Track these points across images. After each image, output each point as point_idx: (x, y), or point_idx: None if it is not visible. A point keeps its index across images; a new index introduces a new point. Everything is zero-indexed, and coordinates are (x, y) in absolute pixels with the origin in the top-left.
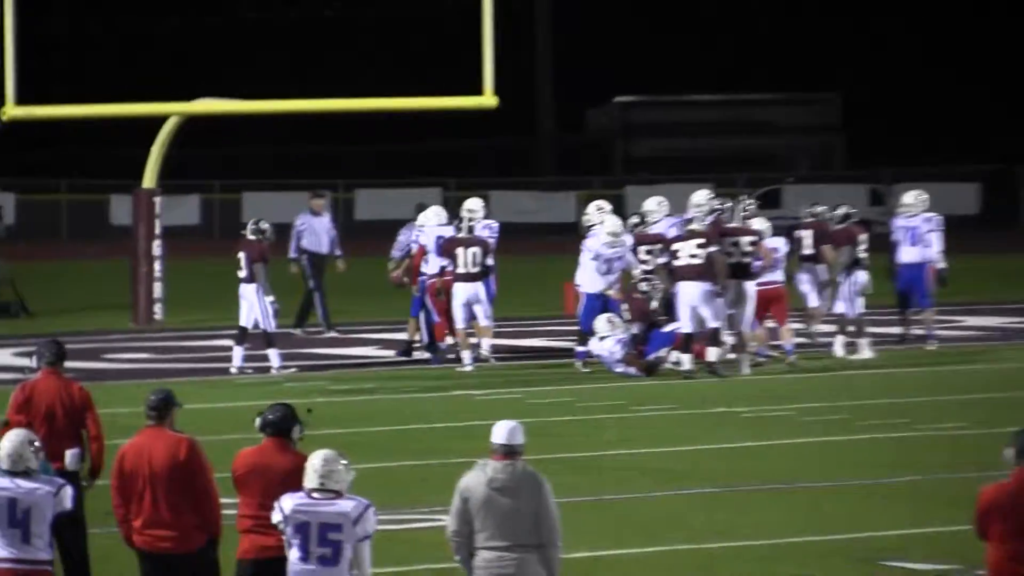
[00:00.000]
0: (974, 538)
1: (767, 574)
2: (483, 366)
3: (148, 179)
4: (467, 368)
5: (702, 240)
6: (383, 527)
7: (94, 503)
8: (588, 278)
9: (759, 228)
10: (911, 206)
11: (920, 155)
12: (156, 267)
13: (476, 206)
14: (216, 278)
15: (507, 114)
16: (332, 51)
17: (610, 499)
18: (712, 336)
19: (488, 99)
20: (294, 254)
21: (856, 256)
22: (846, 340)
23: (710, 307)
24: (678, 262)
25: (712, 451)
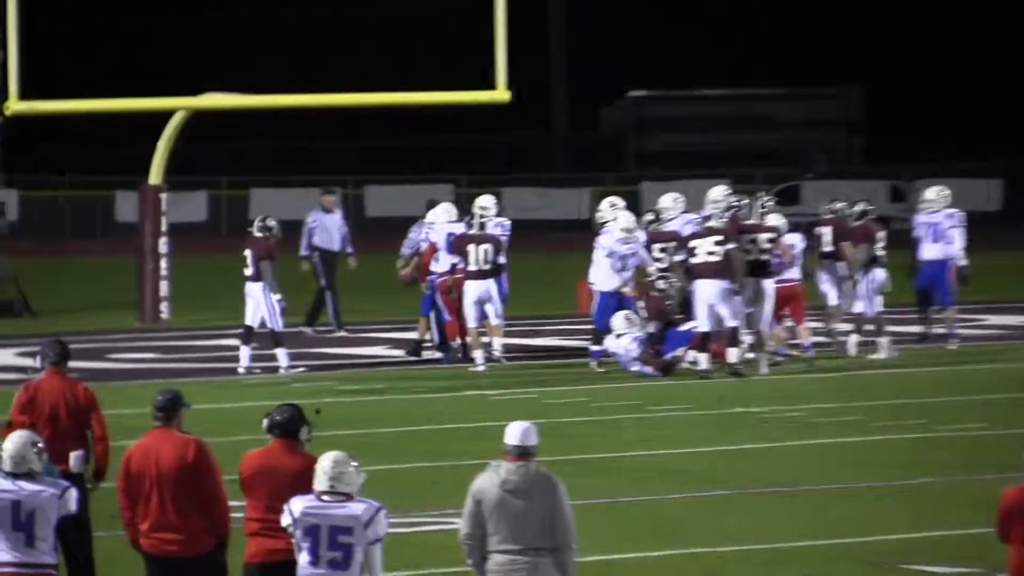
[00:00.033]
0: (995, 541)
1: None
2: (496, 366)
3: (154, 175)
4: (479, 368)
5: (720, 237)
6: (394, 530)
7: (99, 505)
8: (602, 276)
9: (776, 225)
10: (933, 202)
11: (941, 150)
12: (162, 265)
13: (489, 203)
14: (224, 276)
15: (520, 110)
16: (341, 45)
17: (626, 501)
18: (731, 336)
19: (501, 93)
20: (305, 251)
21: (874, 254)
22: (863, 339)
23: (728, 306)
24: (695, 259)
25: (729, 452)
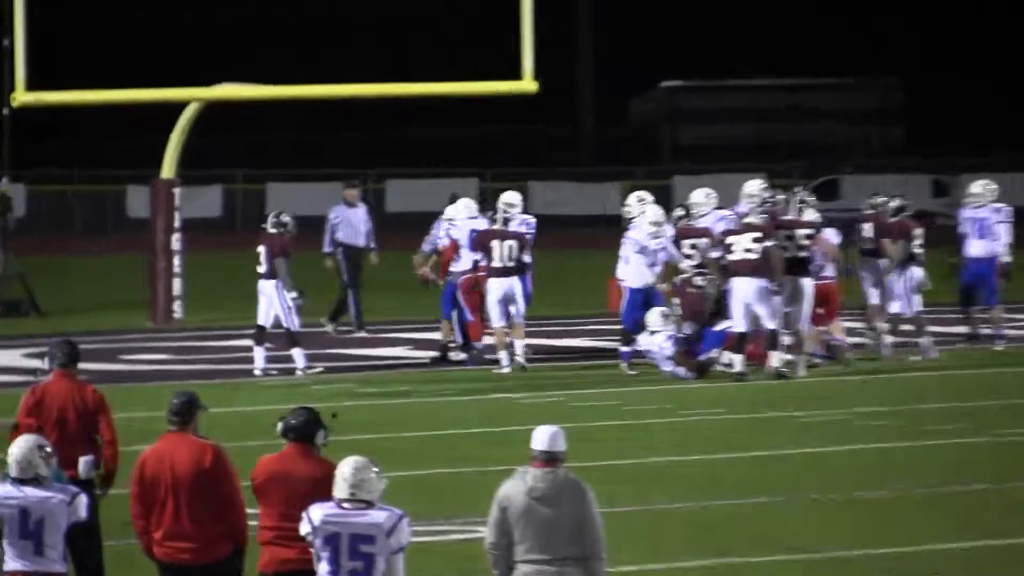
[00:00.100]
0: None
1: None
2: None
3: (167, 169)
4: (505, 370)
5: (758, 234)
6: (417, 539)
7: (110, 512)
8: (631, 273)
9: (814, 220)
10: (979, 196)
11: (987, 142)
12: (175, 262)
13: (515, 200)
14: (239, 273)
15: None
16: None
17: (658, 509)
18: (771, 338)
19: (528, 84)
20: (329, 248)
21: (911, 251)
22: (901, 340)
23: (766, 305)
24: (732, 257)
25: (765, 458)
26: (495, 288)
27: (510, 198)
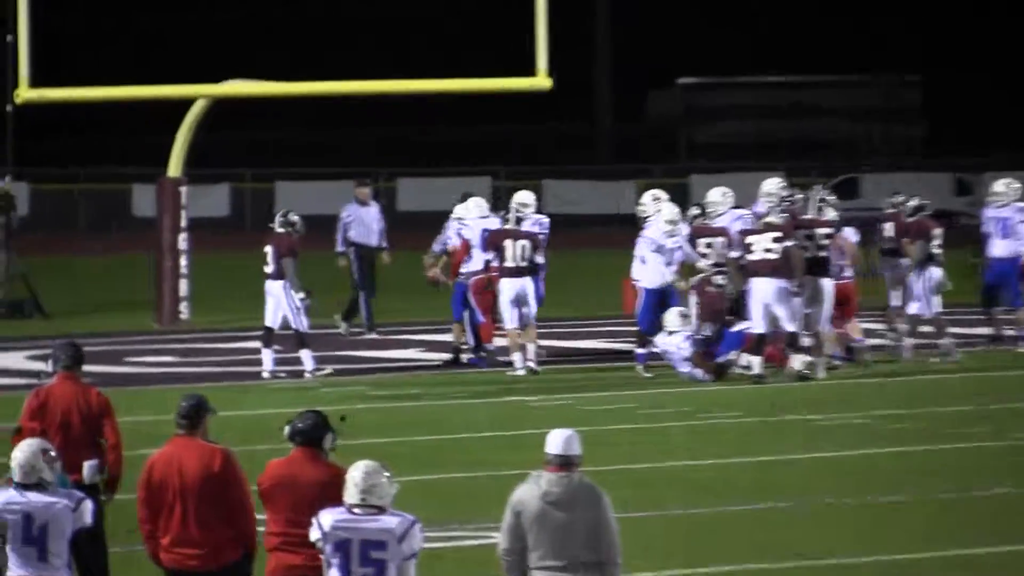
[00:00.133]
0: None
1: None
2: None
3: (173, 167)
4: (519, 372)
5: (779, 233)
6: (429, 545)
7: (115, 517)
8: (647, 273)
9: (833, 219)
10: (1002, 195)
11: (1011, 140)
12: (182, 262)
13: (528, 199)
14: (247, 274)
15: (561, 97)
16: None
17: (675, 514)
18: (791, 341)
19: (542, 80)
20: (342, 247)
21: (930, 251)
22: (919, 342)
23: (785, 306)
24: (752, 256)
25: (784, 462)
26: (507, 289)
27: (523, 198)
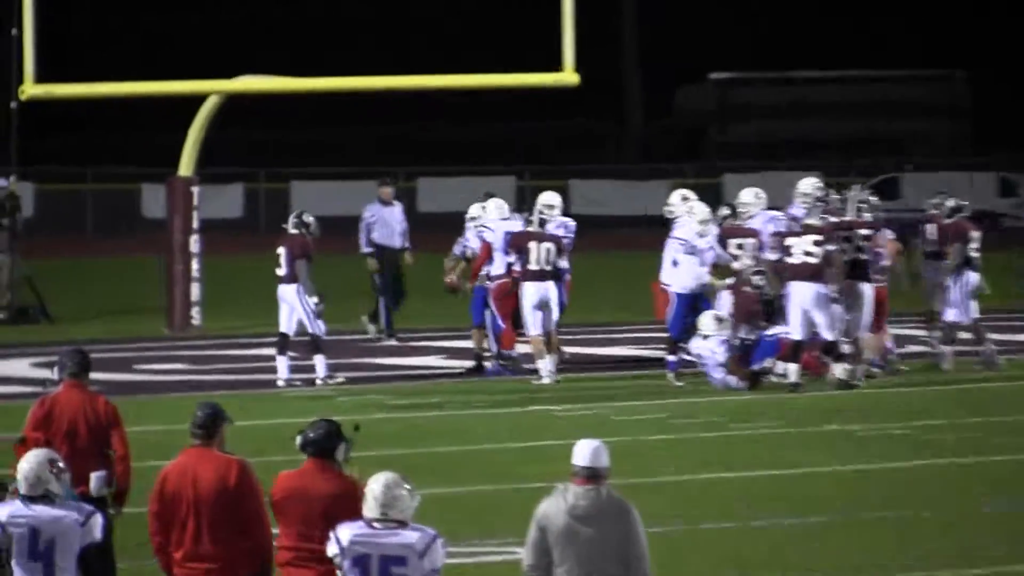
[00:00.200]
0: None
1: None
2: (561, 377)
3: (184, 166)
4: (544, 380)
5: (819, 236)
6: (452, 560)
7: (124, 531)
8: (678, 276)
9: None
10: None
11: None
12: (194, 265)
13: (554, 201)
14: (261, 277)
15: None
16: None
17: (707, 528)
18: (831, 349)
19: (569, 76)
20: (367, 248)
21: (967, 255)
22: (961, 349)
23: (824, 312)
24: (791, 260)
25: (823, 475)
26: (531, 293)
27: (549, 199)
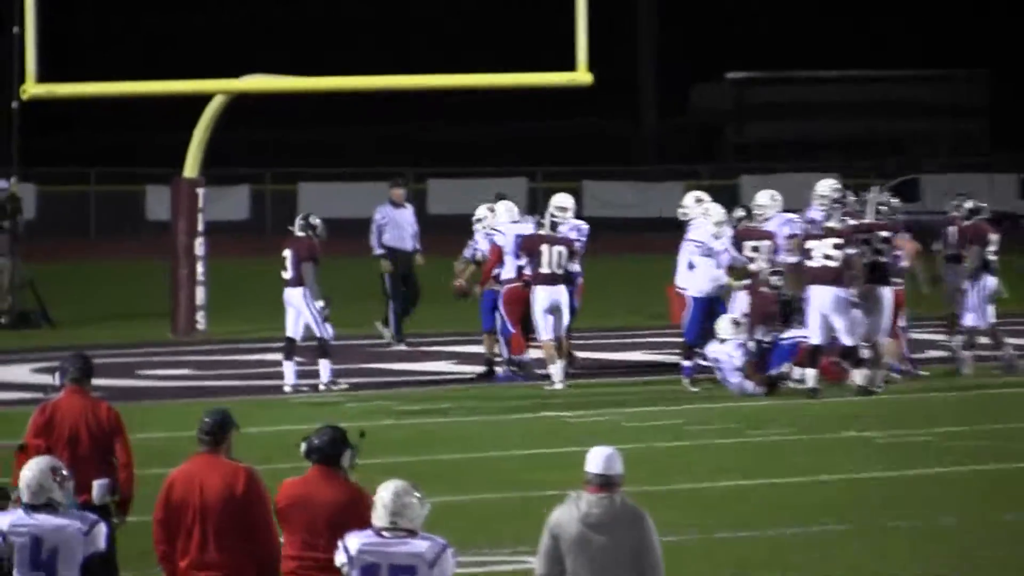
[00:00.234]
0: None
1: None
2: (572, 383)
3: (190, 167)
4: (557, 386)
5: (839, 240)
6: (462, 570)
7: (127, 540)
8: (695, 280)
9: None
10: None
11: None
12: (199, 269)
13: (567, 203)
14: (268, 281)
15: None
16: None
17: (722, 538)
18: (851, 355)
19: (582, 75)
20: (380, 250)
21: (985, 258)
22: (979, 354)
23: (844, 317)
24: (811, 263)
25: (841, 482)
26: (542, 297)
27: (561, 201)
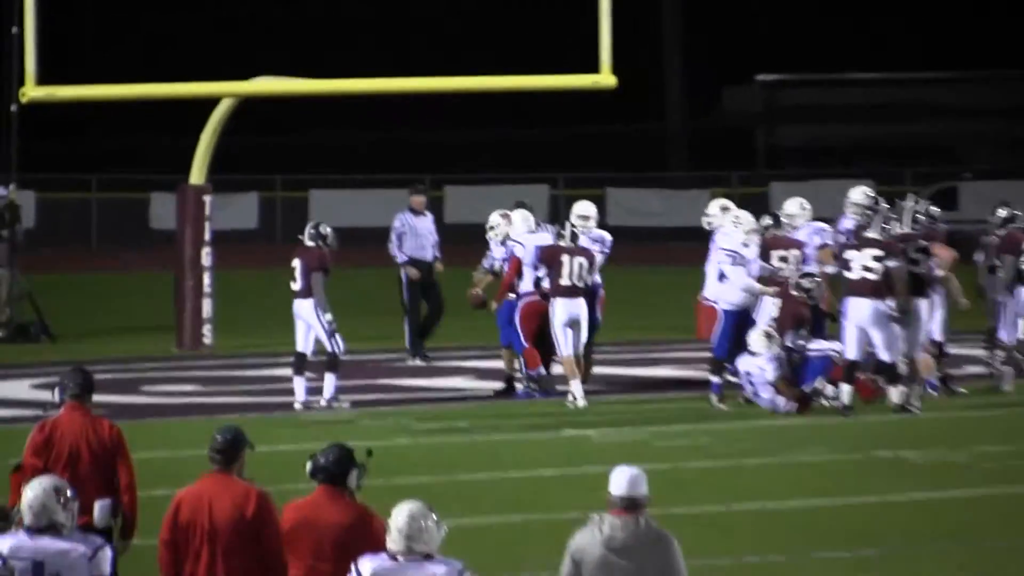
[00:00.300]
0: None
1: None
2: (595, 400)
3: (196, 173)
4: (580, 403)
5: (879, 252)
6: None
7: (128, 563)
8: (726, 291)
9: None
10: None
11: None
12: (205, 280)
13: (589, 212)
14: (277, 292)
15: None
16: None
17: (752, 562)
18: (888, 372)
19: (606, 78)
20: (402, 258)
21: (1020, 268)
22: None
23: (883, 332)
24: (849, 275)
25: (877, 505)
26: (561, 310)
27: (583, 209)
